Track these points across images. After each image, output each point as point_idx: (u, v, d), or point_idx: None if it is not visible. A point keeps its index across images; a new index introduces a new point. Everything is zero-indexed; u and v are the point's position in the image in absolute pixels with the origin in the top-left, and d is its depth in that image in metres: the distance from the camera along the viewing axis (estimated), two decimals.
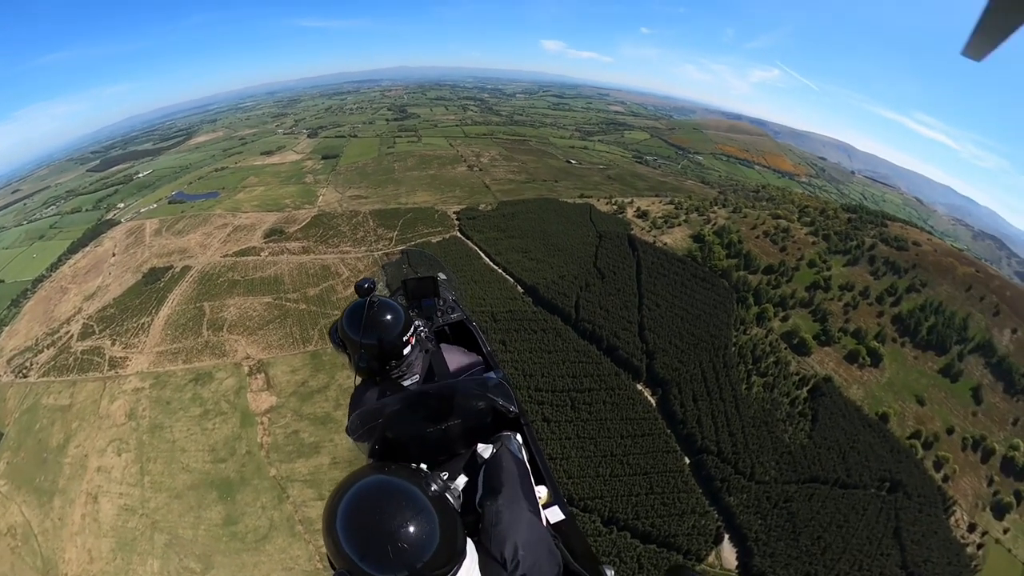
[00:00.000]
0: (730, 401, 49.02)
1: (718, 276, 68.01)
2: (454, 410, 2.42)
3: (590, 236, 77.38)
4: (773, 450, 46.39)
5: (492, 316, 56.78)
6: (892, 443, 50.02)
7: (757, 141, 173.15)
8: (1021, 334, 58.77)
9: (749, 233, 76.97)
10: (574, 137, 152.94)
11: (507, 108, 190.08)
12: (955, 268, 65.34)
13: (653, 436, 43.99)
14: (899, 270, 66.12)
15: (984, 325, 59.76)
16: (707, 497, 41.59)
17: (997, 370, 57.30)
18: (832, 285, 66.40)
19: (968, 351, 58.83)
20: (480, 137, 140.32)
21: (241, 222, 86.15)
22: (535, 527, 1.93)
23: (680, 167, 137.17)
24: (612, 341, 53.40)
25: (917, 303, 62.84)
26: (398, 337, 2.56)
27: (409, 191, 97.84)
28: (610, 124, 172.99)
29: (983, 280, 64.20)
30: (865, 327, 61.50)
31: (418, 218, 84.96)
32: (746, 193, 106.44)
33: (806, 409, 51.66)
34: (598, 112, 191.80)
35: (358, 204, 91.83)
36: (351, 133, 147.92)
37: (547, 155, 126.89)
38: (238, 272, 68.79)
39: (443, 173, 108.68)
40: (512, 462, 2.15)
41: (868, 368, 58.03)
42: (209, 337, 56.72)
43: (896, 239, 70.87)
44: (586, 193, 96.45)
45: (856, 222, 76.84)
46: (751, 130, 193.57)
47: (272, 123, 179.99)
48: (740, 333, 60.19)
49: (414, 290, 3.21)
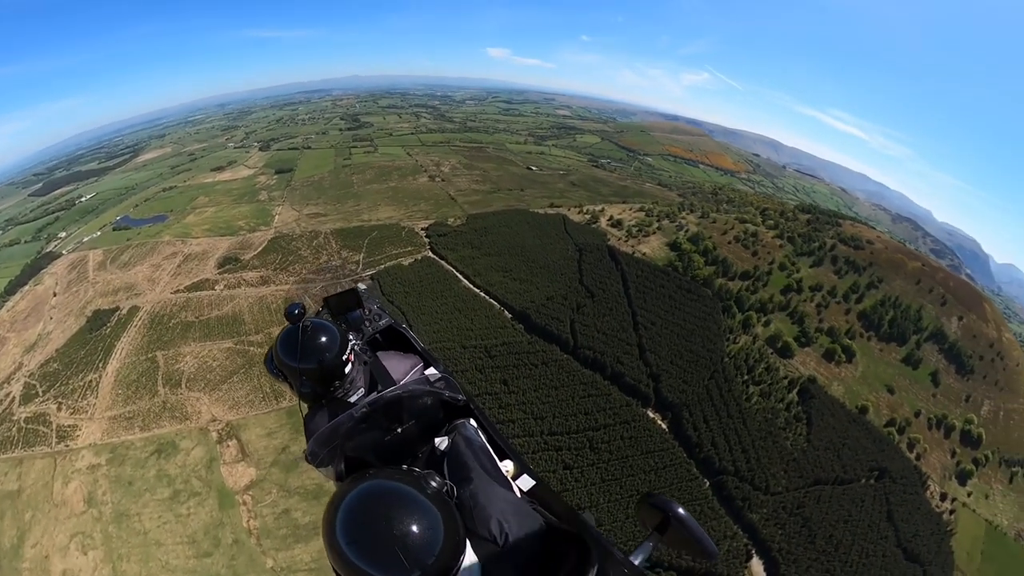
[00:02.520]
0: (736, 417, 51.02)
1: (700, 285, 70.69)
2: (405, 412, 2.53)
3: (569, 250, 77.30)
4: (780, 459, 49.05)
5: (487, 352, 54.75)
6: (873, 433, 55.40)
7: (699, 141, 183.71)
8: (966, 320, 66.59)
9: (721, 239, 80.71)
10: (528, 142, 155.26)
11: (459, 115, 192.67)
12: (905, 264, 72.61)
13: (675, 466, 44.73)
14: (858, 268, 72.30)
15: (934, 315, 66.96)
16: (731, 516, 43.20)
17: (949, 354, 64.55)
18: (803, 287, 71.30)
19: (924, 340, 65.74)
20: (437, 145, 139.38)
21: (192, 250, 78.32)
22: (510, 498, 2.05)
23: (633, 168, 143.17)
24: (616, 367, 53.57)
25: (877, 299, 69.07)
26: (336, 356, 2.58)
27: (371, 206, 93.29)
28: (560, 128, 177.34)
29: (929, 273, 72.00)
30: (837, 325, 66.60)
31: (384, 237, 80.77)
32: (705, 196, 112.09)
33: (800, 413, 55.21)
34: (547, 117, 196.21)
35: (318, 223, 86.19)
36: (304, 145, 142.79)
37: (507, 162, 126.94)
38: (192, 311, 61.95)
39: (404, 185, 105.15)
40: (471, 446, 2.25)
41: (844, 365, 63.07)
42: (166, 396, 50.16)
43: (852, 238, 77.51)
44: (555, 202, 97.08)
45: (814, 223, 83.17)
46: (691, 130, 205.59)
47: (222, 137, 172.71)
48: (730, 343, 62.94)
49: (337, 306, 3.16)
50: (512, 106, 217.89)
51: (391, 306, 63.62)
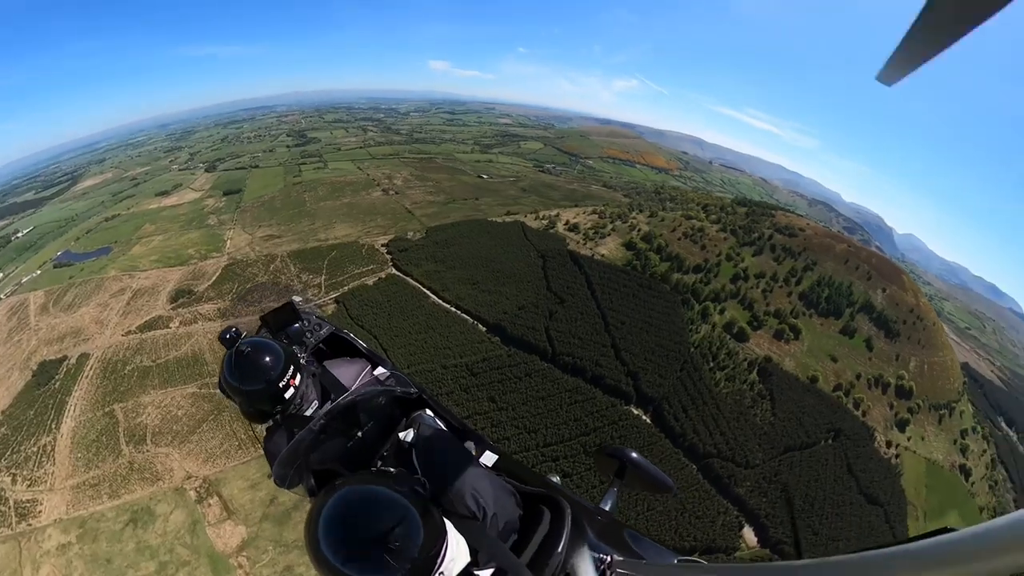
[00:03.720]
0: (710, 402, 54.59)
1: (659, 281, 74.69)
2: (363, 416, 2.61)
3: (532, 256, 78.51)
4: (753, 435, 53.18)
5: (469, 370, 54.52)
6: (825, 399, 61.62)
7: (633, 143, 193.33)
8: (889, 291, 75.23)
9: (671, 236, 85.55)
10: (475, 151, 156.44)
11: (405, 126, 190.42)
12: (833, 246, 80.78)
13: (665, 456, 47.09)
14: (794, 254, 79.43)
15: (862, 289, 75.01)
16: (720, 494, 46.47)
17: (878, 322, 72.55)
18: (749, 275, 77.20)
19: (856, 312, 73.41)
20: (387, 158, 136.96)
21: (141, 284, 71.71)
22: (480, 474, 2.17)
23: (577, 172, 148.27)
24: (596, 370, 55.46)
25: (813, 280, 76.27)
26: (282, 374, 2.57)
27: (326, 224, 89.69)
28: (504, 136, 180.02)
29: (855, 253, 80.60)
30: (782, 307, 72.76)
31: (344, 256, 77.82)
32: (648, 195, 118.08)
33: (763, 390, 59.98)
34: (490, 125, 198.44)
35: (272, 246, 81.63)
36: (252, 163, 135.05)
37: (457, 171, 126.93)
38: (147, 354, 56.68)
39: (359, 200, 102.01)
40: (433, 433, 2.37)
41: (792, 341, 69.04)
42: (132, 455, 45.27)
43: (786, 227, 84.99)
44: (511, 209, 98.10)
45: (752, 215, 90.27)
46: (626, 133, 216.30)
47: (166, 159, 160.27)
48: (693, 333, 67.00)
49: (274, 322, 3.18)
50: (456, 116, 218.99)
51: (360, 330, 61.71)
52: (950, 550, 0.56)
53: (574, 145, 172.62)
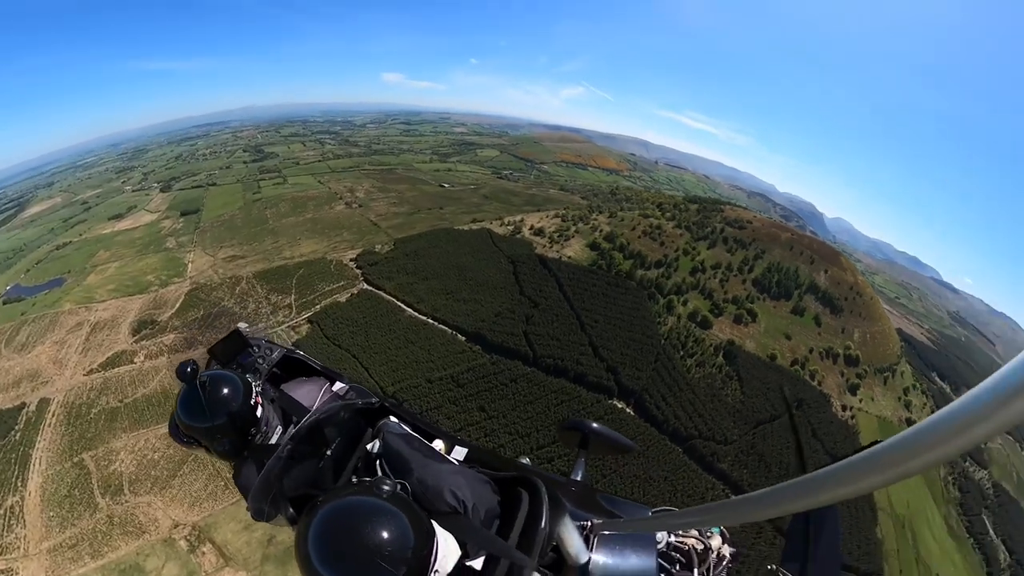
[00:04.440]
0: (685, 388, 57.55)
1: (625, 279, 77.68)
2: (329, 434, 2.53)
3: (502, 262, 79.32)
4: (727, 414, 56.70)
5: (455, 381, 54.68)
6: (785, 373, 66.63)
7: (584, 147, 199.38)
8: (831, 272, 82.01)
9: (631, 235, 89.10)
10: (434, 160, 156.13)
11: (363, 138, 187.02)
12: (779, 235, 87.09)
13: (652, 444, 49.36)
14: (745, 244, 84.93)
15: (807, 272, 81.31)
16: (706, 471, 49.28)
17: (823, 300, 78.92)
18: (706, 267, 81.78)
19: (803, 293, 79.37)
20: (347, 171, 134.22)
21: (99, 317, 66.56)
22: (453, 469, 2.21)
23: (533, 177, 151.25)
24: (577, 369, 57.12)
25: (764, 267, 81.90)
26: (244, 403, 2.55)
27: (291, 242, 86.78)
28: (461, 145, 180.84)
29: (798, 240, 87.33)
30: (738, 294, 77.62)
31: (312, 273, 75.46)
32: (605, 196, 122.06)
33: (730, 372, 63.91)
34: (446, 135, 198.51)
35: (236, 267, 78.00)
36: (209, 181, 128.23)
37: (419, 181, 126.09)
38: (113, 394, 52.78)
39: (322, 215, 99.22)
40: (400, 439, 2.36)
41: (751, 324, 73.81)
42: (110, 508, 41.78)
43: (735, 220, 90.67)
44: (476, 217, 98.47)
45: (703, 211, 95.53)
46: (576, 138, 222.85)
47: (118, 180, 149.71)
48: (661, 324, 70.24)
49: (223, 353, 3.12)
50: (411, 127, 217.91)
51: (337, 350, 60.21)
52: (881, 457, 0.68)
53: (528, 151, 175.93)
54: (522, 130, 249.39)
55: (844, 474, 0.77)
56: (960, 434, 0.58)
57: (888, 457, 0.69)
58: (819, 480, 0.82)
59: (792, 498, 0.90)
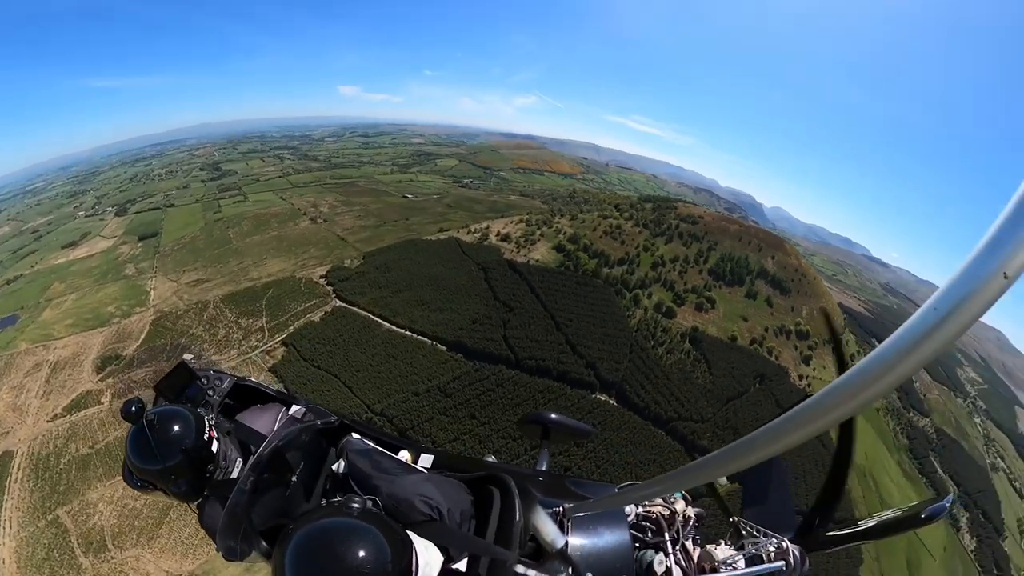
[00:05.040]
0: (660, 375, 60.28)
1: (592, 277, 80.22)
2: (291, 459, 2.42)
3: (473, 270, 79.71)
4: (700, 394, 60.05)
5: (442, 391, 54.46)
6: (746, 352, 71.24)
7: (539, 153, 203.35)
8: (777, 257, 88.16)
9: (593, 235, 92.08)
10: (395, 172, 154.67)
11: (322, 152, 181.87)
12: (729, 228, 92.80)
13: (637, 430, 51.68)
14: (698, 238, 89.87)
15: (756, 259, 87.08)
16: (687, 450, 51.52)
17: (773, 283, 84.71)
18: (665, 260, 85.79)
19: (755, 278, 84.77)
20: (308, 185, 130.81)
21: (59, 355, 61.32)
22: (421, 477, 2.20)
23: (493, 184, 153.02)
24: (559, 368, 58.52)
25: (717, 257, 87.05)
26: (198, 439, 2.34)
27: (257, 261, 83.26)
28: (420, 155, 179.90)
29: (745, 230, 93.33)
30: (697, 284, 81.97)
31: (282, 293, 72.69)
32: (564, 200, 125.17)
33: (698, 356, 67.54)
34: (405, 146, 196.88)
35: (202, 292, 74.02)
36: (166, 203, 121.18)
37: (382, 193, 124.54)
38: (82, 440, 48.64)
39: (287, 232, 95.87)
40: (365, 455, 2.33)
41: (711, 310, 78.17)
42: (95, 567, 38.50)
43: (688, 216, 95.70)
44: (443, 226, 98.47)
45: (659, 209, 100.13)
46: (530, 145, 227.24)
47: (70, 205, 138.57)
48: (631, 318, 73.10)
49: (170, 388, 2.96)
50: (370, 139, 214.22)
51: (317, 372, 58.60)
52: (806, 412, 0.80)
53: (486, 159, 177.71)
54: (479, 139, 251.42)
55: (776, 432, 0.87)
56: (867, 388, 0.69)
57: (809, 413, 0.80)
58: (759, 437, 0.90)
59: (740, 455, 0.97)
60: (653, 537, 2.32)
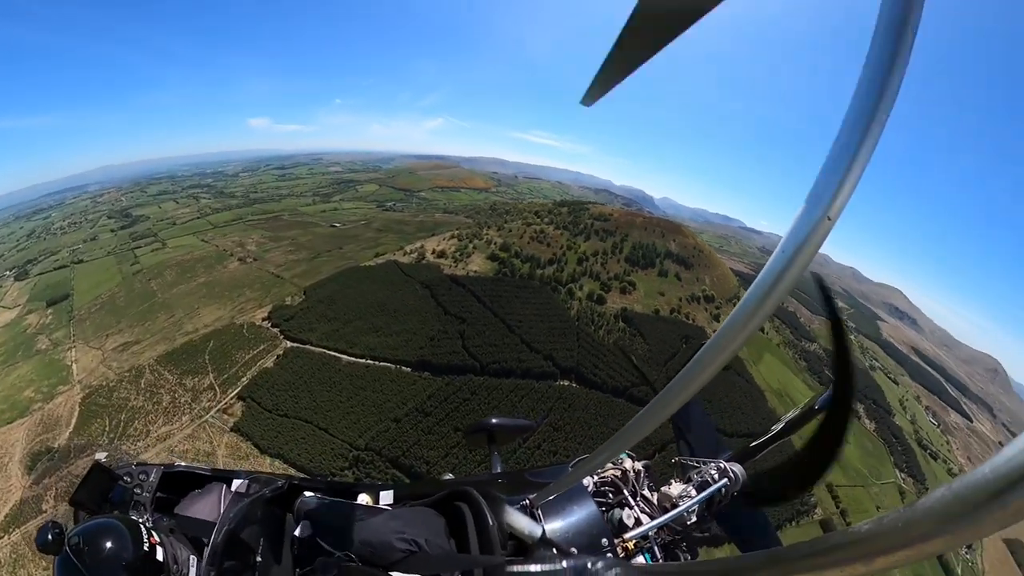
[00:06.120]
0: (607, 354, 66.48)
1: (528, 280, 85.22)
2: (247, 539, 2.15)
3: (418, 289, 79.98)
4: (643, 362, 67.20)
5: (421, 412, 54.11)
6: (670, 322, 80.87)
7: (453, 172, 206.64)
8: (678, 240, 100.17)
9: (522, 241, 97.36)
10: (317, 202, 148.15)
11: (238, 188, 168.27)
12: (635, 220, 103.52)
13: (605, 405, 56.89)
14: (612, 232, 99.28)
15: (661, 243, 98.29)
16: None
17: (678, 261, 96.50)
18: (588, 255, 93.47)
19: (663, 260, 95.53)
20: (230, 224, 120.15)
21: None
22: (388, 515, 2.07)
23: (415, 205, 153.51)
24: (521, 367, 61.68)
25: (630, 247, 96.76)
26: (138, 550, 1.84)
27: (189, 313, 75.31)
28: (340, 183, 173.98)
29: (648, 221, 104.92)
30: (618, 272, 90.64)
31: (225, 343, 66.48)
32: (487, 213, 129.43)
33: (633, 331, 75.18)
34: (323, 175, 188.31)
35: (133, 356, 65.06)
36: (74, 259, 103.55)
37: (309, 225, 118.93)
38: (33, 564, 39.92)
39: (217, 277, 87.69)
40: (324, 511, 2.15)
41: (633, 292, 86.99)
42: None
43: (600, 215, 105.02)
44: (378, 251, 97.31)
45: (574, 212, 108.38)
46: (444, 164, 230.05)
47: None
48: (570, 310, 79.05)
49: (90, 497, 2.36)
50: (286, 171, 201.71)
51: (284, 420, 54.82)
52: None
53: (405, 181, 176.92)
54: (394, 162, 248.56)
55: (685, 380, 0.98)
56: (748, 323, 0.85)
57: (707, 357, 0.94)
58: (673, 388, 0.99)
59: (661, 407, 1.06)
60: (615, 497, 2.42)
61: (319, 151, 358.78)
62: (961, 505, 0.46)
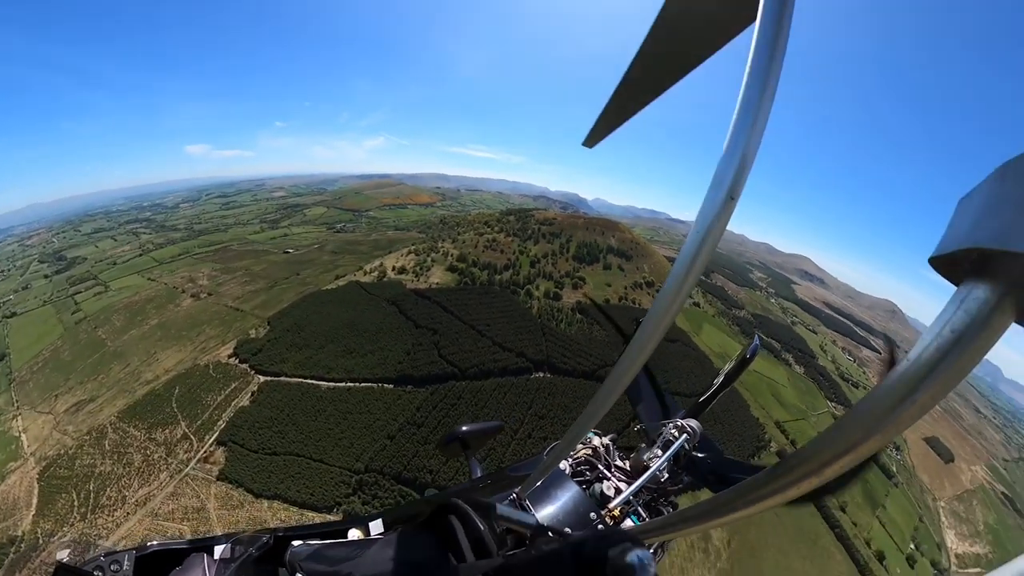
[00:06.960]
0: (573, 344, 71.58)
1: (488, 286, 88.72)
2: None
3: (384, 306, 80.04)
4: (604, 346, 72.61)
5: (413, 423, 54.89)
6: (619, 308, 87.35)
7: (398, 189, 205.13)
8: (616, 236, 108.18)
9: (476, 251, 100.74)
10: (265, 229, 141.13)
11: (180, 220, 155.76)
12: (576, 222, 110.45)
13: (579, 390, 61.26)
14: (557, 235, 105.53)
15: (603, 240, 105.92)
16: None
17: (619, 255, 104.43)
18: (539, 258, 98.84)
19: (605, 255, 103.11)
20: (177, 259, 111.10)
21: None
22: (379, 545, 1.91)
23: (366, 224, 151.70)
24: (499, 366, 64.90)
25: (575, 246, 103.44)
26: None
27: (147, 359, 69.13)
28: (286, 208, 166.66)
29: (589, 222, 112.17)
30: (568, 270, 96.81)
31: (192, 387, 61.95)
32: (438, 227, 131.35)
33: (589, 320, 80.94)
34: (267, 201, 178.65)
35: (90, 416, 58.55)
36: (5, 313, 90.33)
37: (261, 253, 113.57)
38: None
39: (170, 317, 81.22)
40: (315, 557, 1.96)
41: (584, 287, 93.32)
42: None
43: (545, 220, 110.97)
44: (337, 273, 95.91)
45: (520, 219, 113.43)
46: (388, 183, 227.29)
47: None
48: (531, 309, 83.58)
49: None
50: (229, 199, 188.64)
51: (275, 459, 52.03)
52: None
53: (352, 202, 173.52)
54: (338, 183, 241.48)
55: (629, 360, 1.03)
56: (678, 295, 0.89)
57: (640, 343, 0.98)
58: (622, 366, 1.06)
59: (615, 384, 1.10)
60: (592, 473, 2.48)
61: (261, 176, 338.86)
62: (882, 409, 0.58)
